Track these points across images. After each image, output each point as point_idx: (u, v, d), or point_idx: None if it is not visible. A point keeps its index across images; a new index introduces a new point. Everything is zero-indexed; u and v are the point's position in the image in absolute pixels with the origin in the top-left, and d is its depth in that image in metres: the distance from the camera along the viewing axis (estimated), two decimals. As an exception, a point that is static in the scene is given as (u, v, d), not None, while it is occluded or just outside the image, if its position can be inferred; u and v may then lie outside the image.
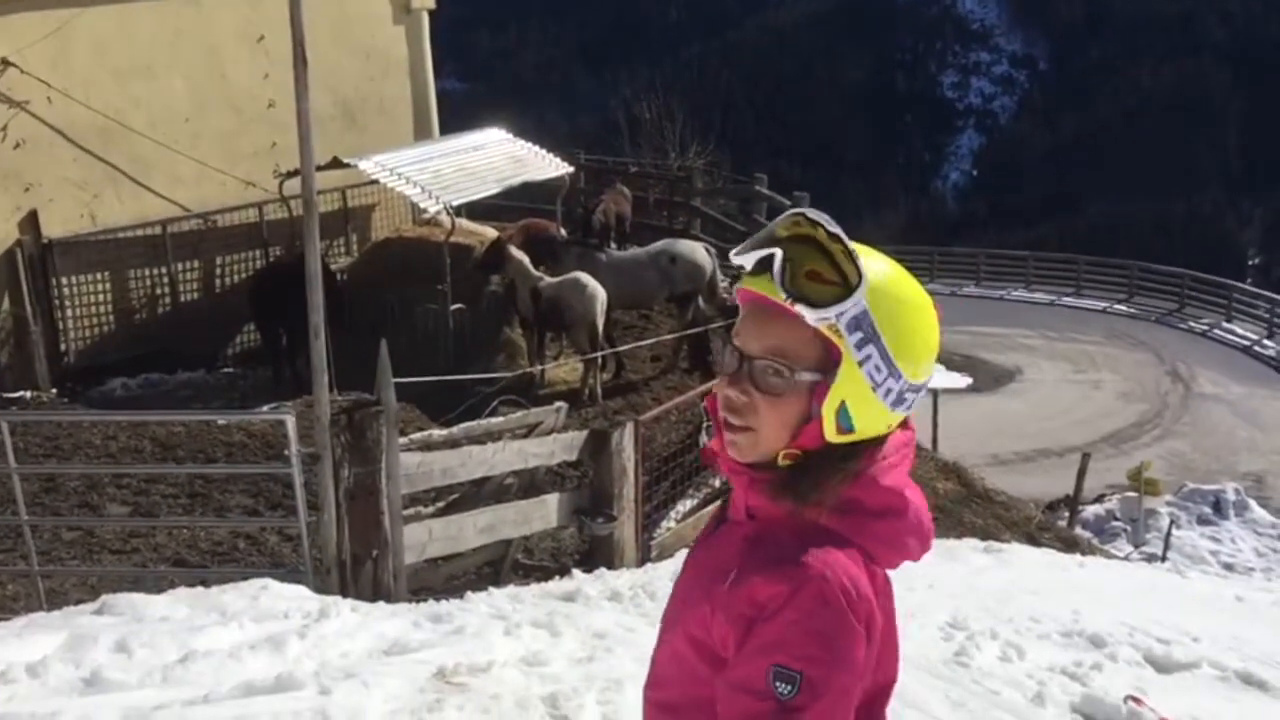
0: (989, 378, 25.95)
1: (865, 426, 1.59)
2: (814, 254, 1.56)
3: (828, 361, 1.57)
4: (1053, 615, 6.86)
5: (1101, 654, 6.09)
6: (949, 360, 26.98)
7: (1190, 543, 16.80)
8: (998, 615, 6.72)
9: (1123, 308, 31.60)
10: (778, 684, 1.48)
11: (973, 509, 12.82)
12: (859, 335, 1.55)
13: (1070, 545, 12.87)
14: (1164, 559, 15.35)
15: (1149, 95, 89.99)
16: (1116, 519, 17.73)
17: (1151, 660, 6.11)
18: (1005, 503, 13.69)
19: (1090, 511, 17.96)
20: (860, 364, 1.56)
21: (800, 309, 1.54)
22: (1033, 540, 12.20)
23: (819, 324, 1.55)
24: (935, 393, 19.37)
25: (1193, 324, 30.16)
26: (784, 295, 1.54)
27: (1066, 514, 16.71)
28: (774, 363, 1.58)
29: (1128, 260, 34.98)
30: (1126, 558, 14.74)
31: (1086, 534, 16.05)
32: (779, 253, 1.55)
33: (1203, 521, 17.68)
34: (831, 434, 1.58)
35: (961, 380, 25.73)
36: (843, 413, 1.57)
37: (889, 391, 1.58)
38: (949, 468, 13.91)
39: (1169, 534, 16.46)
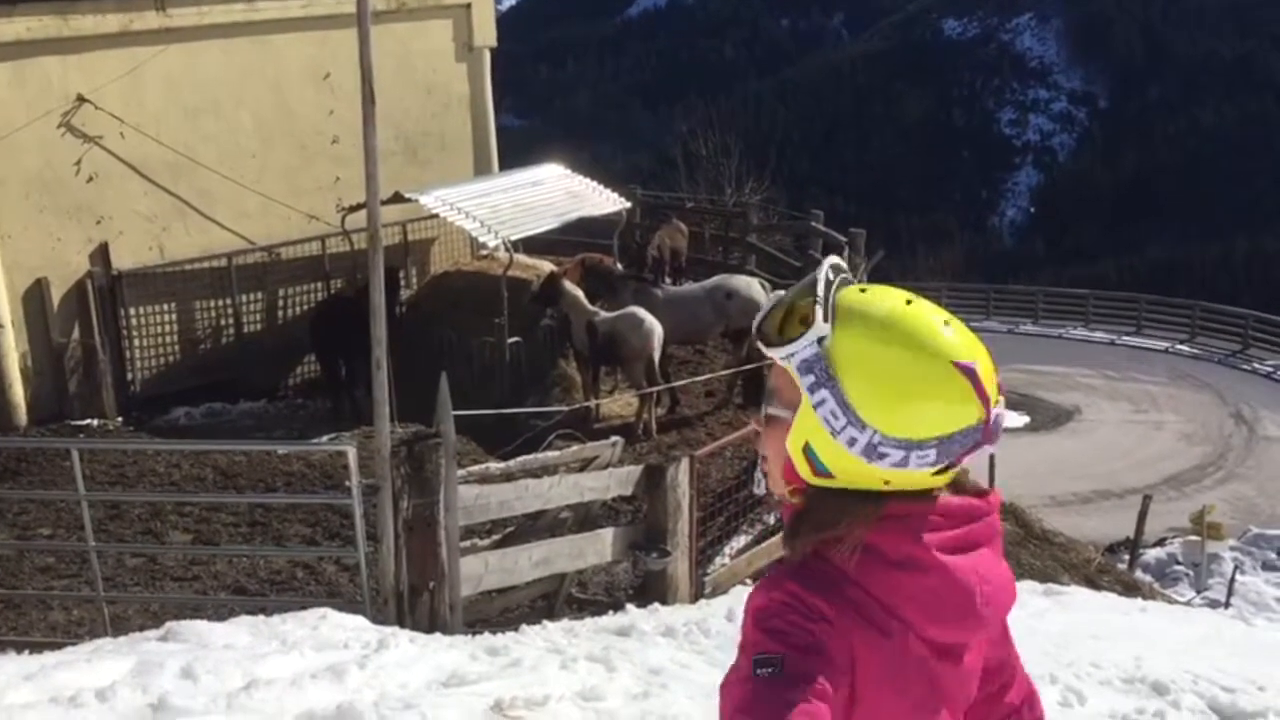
0: (1047, 417, 25.61)
1: (843, 472, 1.58)
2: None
3: (798, 402, 1.60)
4: (1114, 661, 6.74)
5: (1165, 701, 5.98)
6: (1005, 398, 26.69)
7: (1255, 589, 16.41)
8: (1057, 660, 6.62)
9: (1185, 348, 31.09)
10: (759, 670, 1.52)
11: (1030, 550, 12.65)
12: (810, 379, 1.56)
13: (1131, 589, 12.64)
14: (1228, 605, 15.00)
15: (1210, 134, 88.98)
16: (1178, 563, 17.38)
17: (1216, 709, 5.98)
18: (1064, 544, 13.49)
19: (1151, 555, 17.62)
20: (815, 407, 1.56)
21: (760, 345, 1.61)
22: (1092, 583, 12.01)
23: (780, 363, 1.59)
24: (992, 432, 19.13)
25: (1257, 365, 29.59)
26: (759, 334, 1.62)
27: (1127, 557, 16.41)
28: (769, 398, 1.66)
29: (1190, 300, 34.47)
30: (1189, 603, 14.44)
31: (1147, 578, 15.75)
32: (783, 294, 1.63)
33: (1268, 567, 17.28)
34: (805, 472, 1.60)
35: (1019, 419, 25.45)
36: (810, 453, 1.59)
37: (853, 440, 1.55)
38: (1006, 508, 13.74)
39: (1233, 579, 16.10)
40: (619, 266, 14.50)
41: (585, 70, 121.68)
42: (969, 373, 1.56)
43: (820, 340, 1.55)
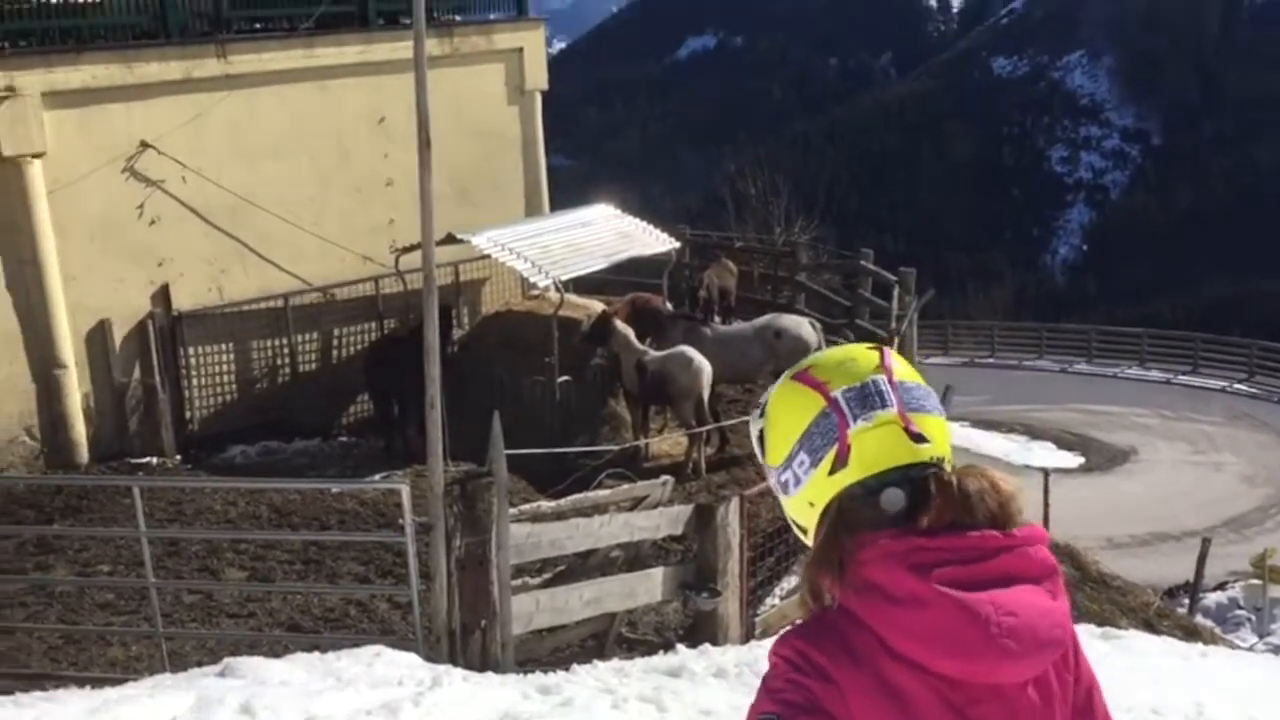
0: (1102, 457, 25.23)
1: (795, 514, 1.75)
2: None
3: None
4: (1175, 707, 6.62)
5: (1227, 749, 5.86)
6: (1059, 438, 26.39)
7: (1320, 634, 16.01)
8: (1116, 705, 6.43)
9: (1243, 387, 30.54)
10: None
11: (1087, 593, 12.45)
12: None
13: (1191, 634, 12.39)
14: (1292, 651, 14.65)
15: (1266, 170, 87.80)
16: (1240, 608, 17.01)
17: (1281, 757, 5.85)
18: (1121, 588, 13.27)
19: (1211, 599, 17.26)
20: None
21: None
22: (1151, 628, 11.79)
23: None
24: (1046, 472, 18.94)
25: (1318, 405, 29.01)
26: None
27: (1186, 601, 16.10)
28: None
29: (1247, 339, 33.92)
30: (1251, 648, 14.13)
31: (1208, 622, 15.42)
32: None
33: (1333, 612, 16.85)
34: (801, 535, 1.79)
35: (1073, 459, 25.12)
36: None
37: (775, 488, 1.77)
38: (1061, 550, 13.54)
39: (1297, 624, 15.74)
40: (668, 306, 14.56)
41: (634, 111, 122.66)
42: (800, 377, 1.72)
43: (759, 433, 1.79)
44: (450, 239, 13.09)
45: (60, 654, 8.19)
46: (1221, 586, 17.78)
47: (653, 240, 15.05)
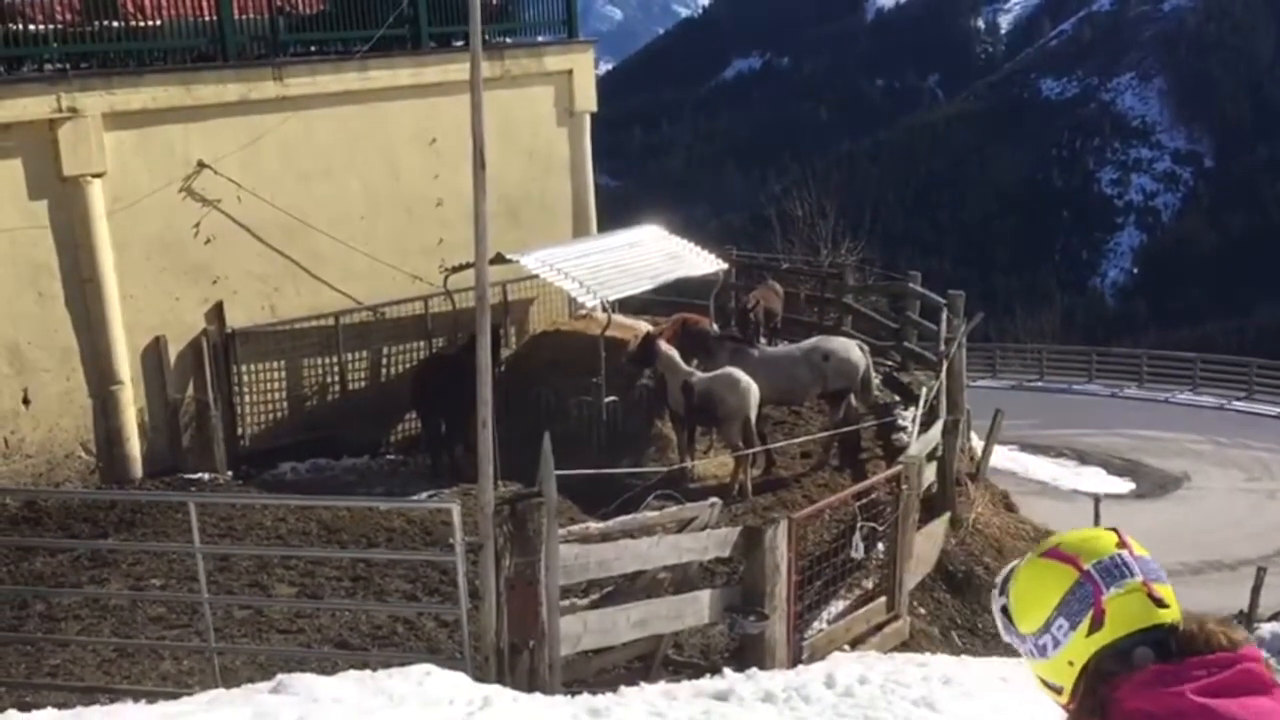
0: (1153, 483, 24.86)
1: (1050, 675, 2.02)
2: None
3: None
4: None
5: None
6: (1109, 463, 26.02)
7: (1380, 668, 15.64)
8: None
9: (1299, 414, 30.03)
10: None
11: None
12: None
13: (1246, 666, 12.13)
14: (1351, 684, 14.31)
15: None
16: (1296, 639, 16.65)
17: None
18: (1174, 617, 13.02)
19: (1267, 629, 16.84)
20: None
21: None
22: (1205, 658, 11.57)
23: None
24: (1097, 498, 18.70)
25: (1376, 432, 28.41)
26: None
27: (1241, 632, 15.78)
28: None
29: (1304, 364, 33.37)
30: (1309, 681, 13.81)
31: (1264, 654, 15.12)
32: None
33: (1393, 645, 16.45)
34: (1053, 697, 2.05)
35: (1123, 485, 24.76)
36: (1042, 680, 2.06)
37: (1029, 653, 2.04)
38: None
39: (1356, 657, 15.37)
40: (715, 327, 14.55)
41: (679, 132, 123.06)
42: (1051, 554, 2.01)
43: (1002, 607, 2.08)
44: (499, 259, 13.15)
45: (113, 667, 8.29)
46: (1276, 617, 17.42)
47: (700, 261, 15.06)
